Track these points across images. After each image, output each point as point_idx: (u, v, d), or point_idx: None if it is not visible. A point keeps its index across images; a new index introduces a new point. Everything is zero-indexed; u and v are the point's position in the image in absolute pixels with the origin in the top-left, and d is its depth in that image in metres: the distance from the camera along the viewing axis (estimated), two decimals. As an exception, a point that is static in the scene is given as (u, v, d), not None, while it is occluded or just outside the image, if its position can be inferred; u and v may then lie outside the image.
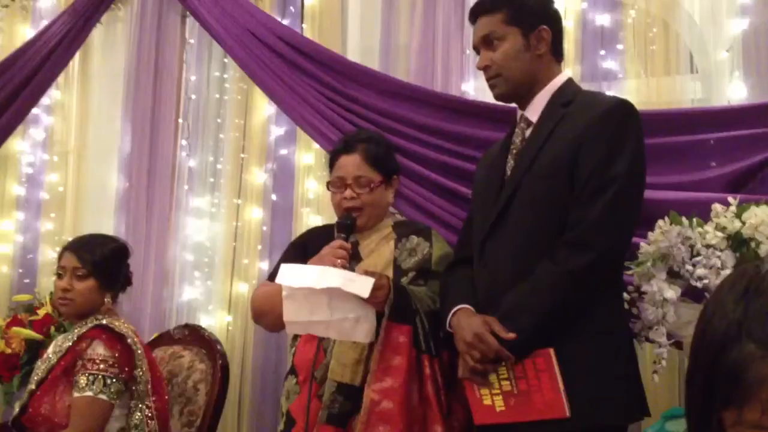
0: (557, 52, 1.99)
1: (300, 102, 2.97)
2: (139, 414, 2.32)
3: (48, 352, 2.43)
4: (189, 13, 3.41)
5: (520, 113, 1.99)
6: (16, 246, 3.73)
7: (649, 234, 2.04)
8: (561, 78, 1.97)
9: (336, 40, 3.20)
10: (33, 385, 2.34)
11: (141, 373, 2.34)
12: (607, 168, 1.76)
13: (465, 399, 1.86)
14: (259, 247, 3.28)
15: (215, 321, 3.27)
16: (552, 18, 1.97)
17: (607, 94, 2.57)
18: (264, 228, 3.30)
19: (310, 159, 3.22)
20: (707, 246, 1.94)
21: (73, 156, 3.71)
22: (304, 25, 3.27)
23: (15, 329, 3.03)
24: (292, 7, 3.35)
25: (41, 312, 3.09)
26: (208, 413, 2.58)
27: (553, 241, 1.78)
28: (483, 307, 1.85)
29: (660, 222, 2.02)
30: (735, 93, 2.60)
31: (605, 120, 1.81)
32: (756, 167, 2.35)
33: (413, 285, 2.12)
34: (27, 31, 3.80)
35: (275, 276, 1.98)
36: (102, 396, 2.26)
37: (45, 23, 3.63)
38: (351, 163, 2.22)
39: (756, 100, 2.51)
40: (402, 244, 2.21)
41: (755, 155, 2.36)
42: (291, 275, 1.90)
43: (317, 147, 3.08)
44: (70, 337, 2.37)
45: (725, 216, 1.97)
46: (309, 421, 1.96)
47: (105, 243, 2.53)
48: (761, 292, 0.81)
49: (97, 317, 2.41)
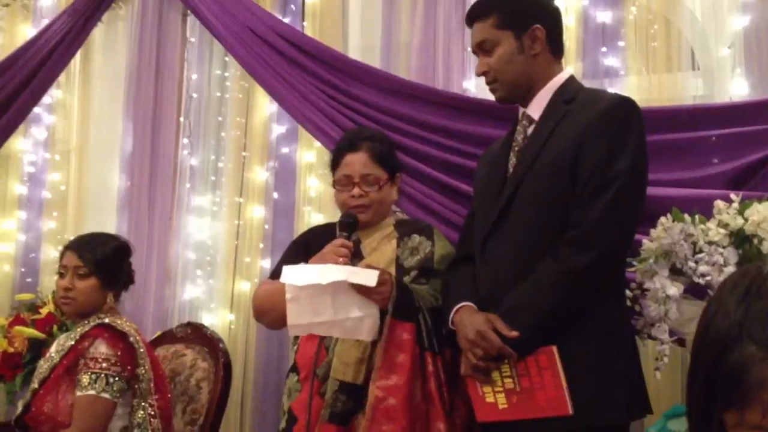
0: (556, 49, 1.97)
1: (301, 100, 2.97)
2: (142, 412, 2.33)
3: (50, 350, 2.43)
4: (190, 12, 3.41)
5: (522, 111, 1.98)
6: (18, 245, 3.74)
7: (652, 231, 2.04)
8: (563, 75, 1.97)
9: (337, 38, 3.19)
10: (36, 384, 2.33)
11: (143, 372, 2.35)
12: (609, 166, 1.76)
13: (467, 396, 1.86)
14: (261, 246, 3.28)
15: (217, 319, 3.27)
16: (546, 16, 1.96)
17: (609, 91, 2.56)
18: (266, 226, 3.29)
19: (311, 157, 3.22)
20: (710, 243, 1.94)
21: (75, 155, 3.72)
22: (305, 23, 3.27)
23: (18, 328, 3.04)
24: (293, 5, 3.35)
25: (44, 311, 3.10)
26: (210, 411, 2.58)
27: (555, 240, 1.78)
28: (485, 305, 1.85)
29: (662, 219, 2.03)
30: (737, 90, 2.59)
31: (607, 117, 1.81)
32: (758, 164, 2.35)
33: (415, 284, 2.11)
34: (28, 30, 3.80)
35: (277, 274, 1.98)
36: (104, 394, 2.26)
37: (46, 22, 3.63)
38: (358, 161, 2.21)
39: (758, 96, 2.51)
40: (404, 242, 2.21)
41: (757, 152, 2.35)
42: (294, 275, 1.90)
43: (319, 145, 3.08)
44: (72, 336, 2.37)
45: (728, 213, 1.97)
46: (311, 419, 1.96)
47: (106, 242, 2.53)
48: (762, 293, 0.81)
49: (100, 316, 2.41)
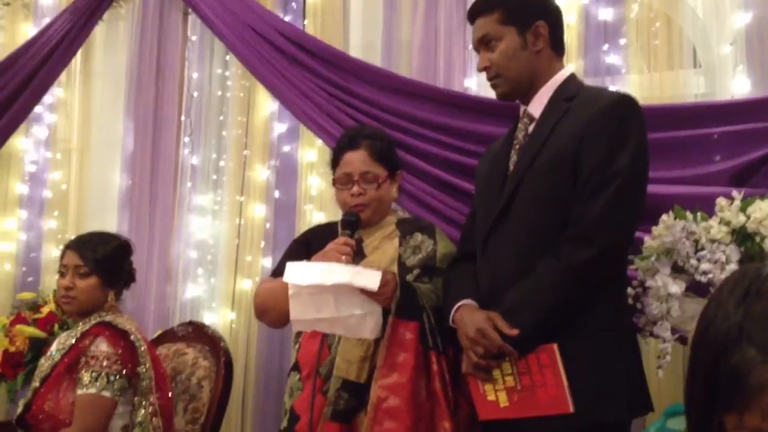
0: (557, 46, 1.97)
1: (302, 98, 2.97)
2: (143, 411, 2.32)
3: (51, 349, 2.43)
4: (191, 10, 3.42)
5: (523, 108, 1.98)
6: (19, 244, 3.74)
7: (653, 229, 2.04)
8: (564, 73, 1.96)
9: (338, 36, 3.19)
10: (37, 383, 2.33)
11: (144, 370, 2.34)
12: (609, 163, 1.75)
13: (468, 394, 1.86)
14: (262, 244, 3.28)
15: (219, 318, 3.27)
16: (549, 12, 1.96)
17: (610, 89, 2.56)
18: (267, 225, 3.30)
19: (312, 156, 3.22)
20: (712, 240, 1.94)
21: (76, 154, 3.72)
22: (305, 22, 3.27)
23: (19, 327, 3.04)
24: (294, 4, 3.35)
25: (45, 310, 3.10)
26: (212, 410, 2.58)
27: (556, 237, 1.77)
28: (486, 303, 1.84)
29: (664, 216, 2.02)
30: (738, 87, 2.58)
31: (607, 115, 1.80)
32: (759, 161, 2.35)
33: (418, 282, 2.11)
34: (29, 29, 3.81)
35: (278, 272, 1.97)
36: (105, 393, 2.26)
37: (47, 21, 3.63)
38: (357, 159, 2.20)
39: (759, 94, 2.50)
40: (406, 241, 2.20)
41: (759, 149, 2.35)
42: (297, 273, 1.90)
43: (320, 143, 3.08)
44: (73, 335, 2.37)
45: (729, 210, 1.97)
46: (313, 417, 1.96)
47: (107, 241, 2.52)
48: (761, 295, 0.81)
49: (101, 314, 2.41)
